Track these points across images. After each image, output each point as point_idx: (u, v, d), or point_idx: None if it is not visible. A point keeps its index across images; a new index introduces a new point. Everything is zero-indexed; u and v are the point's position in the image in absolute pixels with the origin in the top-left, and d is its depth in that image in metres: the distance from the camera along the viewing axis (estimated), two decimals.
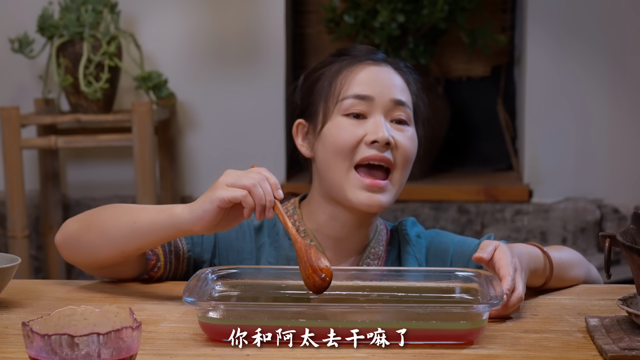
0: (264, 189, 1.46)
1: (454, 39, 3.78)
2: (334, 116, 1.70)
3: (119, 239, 1.55)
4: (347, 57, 1.75)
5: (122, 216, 1.56)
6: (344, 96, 1.69)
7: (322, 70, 1.76)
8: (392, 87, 1.71)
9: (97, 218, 1.59)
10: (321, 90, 1.73)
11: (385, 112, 1.69)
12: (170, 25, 3.61)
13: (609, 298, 1.57)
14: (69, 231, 1.61)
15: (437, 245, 1.80)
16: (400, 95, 1.71)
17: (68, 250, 1.62)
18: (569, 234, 3.60)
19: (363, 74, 1.71)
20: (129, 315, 1.20)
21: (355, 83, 1.70)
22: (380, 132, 1.66)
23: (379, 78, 1.71)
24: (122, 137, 3.31)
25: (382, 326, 1.32)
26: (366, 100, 1.69)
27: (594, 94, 3.58)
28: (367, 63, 1.73)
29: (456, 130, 3.89)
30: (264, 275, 1.53)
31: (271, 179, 1.48)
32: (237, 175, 1.48)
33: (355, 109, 1.69)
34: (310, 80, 1.78)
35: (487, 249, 1.49)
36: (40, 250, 3.68)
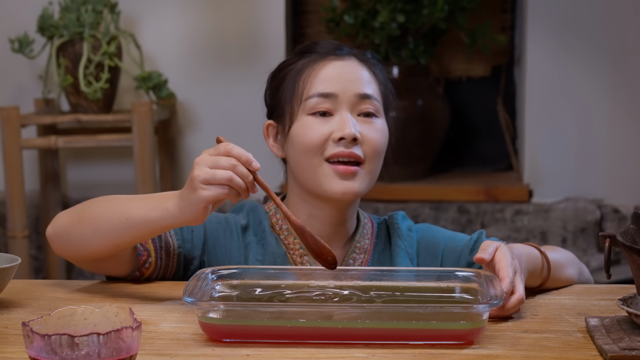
0: (241, 173, 1.45)
1: (454, 39, 3.78)
2: (299, 116, 1.70)
3: (111, 233, 1.55)
4: (310, 54, 1.74)
5: (113, 210, 1.55)
6: (308, 95, 1.69)
7: (286, 70, 1.75)
8: (356, 81, 1.70)
9: (88, 211, 1.59)
10: (286, 90, 1.73)
11: (351, 107, 1.69)
12: (170, 25, 3.61)
13: (609, 298, 1.57)
14: (60, 224, 1.61)
15: (428, 240, 1.79)
16: (366, 89, 1.70)
17: (59, 244, 1.62)
18: (569, 234, 3.60)
19: (326, 71, 1.71)
20: (129, 315, 1.20)
21: (318, 81, 1.70)
22: (347, 128, 1.66)
23: (343, 73, 1.71)
24: (122, 137, 3.31)
25: (382, 326, 1.32)
26: (330, 97, 1.68)
27: (594, 94, 3.58)
28: (330, 59, 1.72)
29: (456, 130, 3.89)
30: (264, 275, 1.53)
31: (242, 156, 1.46)
32: (209, 169, 1.45)
33: (320, 107, 1.68)
34: (276, 81, 1.77)
35: (488, 250, 1.49)
36: (40, 250, 3.68)
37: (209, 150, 1.49)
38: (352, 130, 1.66)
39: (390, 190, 3.60)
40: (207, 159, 1.47)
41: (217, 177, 1.44)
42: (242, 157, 1.46)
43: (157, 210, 1.51)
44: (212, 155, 1.47)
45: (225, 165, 1.45)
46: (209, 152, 1.48)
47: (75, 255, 1.61)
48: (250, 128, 3.65)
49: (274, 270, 1.54)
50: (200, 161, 1.47)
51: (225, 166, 1.45)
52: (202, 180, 1.45)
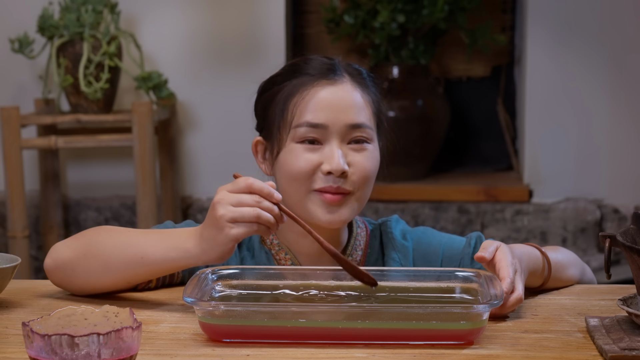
0: (267, 208, 1.43)
1: (454, 39, 3.78)
2: (288, 143, 1.64)
3: (123, 271, 1.53)
4: (302, 75, 1.67)
5: (125, 248, 1.52)
6: (297, 124, 1.63)
7: (276, 89, 1.69)
8: (348, 109, 1.64)
9: (94, 247, 1.55)
10: (275, 112, 1.67)
11: (341, 137, 1.63)
12: (170, 25, 3.61)
13: (609, 298, 1.57)
14: (61, 258, 1.58)
15: (425, 247, 1.76)
16: (357, 118, 1.64)
17: (60, 277, 1.59)
18: (569, 234, 3.60)
19: (316, 99, 1.64)
20: (129, 315, 1.20)
21: (308, 110, 1.63)
22: (335, 162, 1.61)
23: (334, 101, 1.64)
24: (122, 137, 3.31)
25: (382, 326, 1.32)
26: (320, 128, 1.63)
27: (594, 94, 3.58)
28: (321, 84, 1.65)
29: (456, 131, 3.89)
30: (264, 275, 1.52)
31: (263, 190, 1.43)
32: (234, 207, 1.42)
33: (309, 137, 1.63)
34: (265, 99, 1.72)
35: (488, 249, 1.48)
36: (40, 250, 3.68)
37: (226, 187, 1.45)
38: (340, 165, 1.61)
39: (390, 190, 3.60)
40: (229, 197, 1.43)
41: (245, 216, 1.42)
42: (263, 191, 1.44)
43: (177, 251, 1.48)
44: (233, 192, 1.44)
45: (250, 202, 1.43)
46: (227, 188, 1.45)
47: (79, 289, 1.59)
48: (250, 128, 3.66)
49: (274, 271, 1.54)
50: (222, 200, 1.43)
51: (250, 203, 1.42)
52: (229, 219, 1.42)
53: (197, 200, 3.68)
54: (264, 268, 1.56)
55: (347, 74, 1.67)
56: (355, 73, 1.69)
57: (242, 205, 1.42)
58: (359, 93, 1.66)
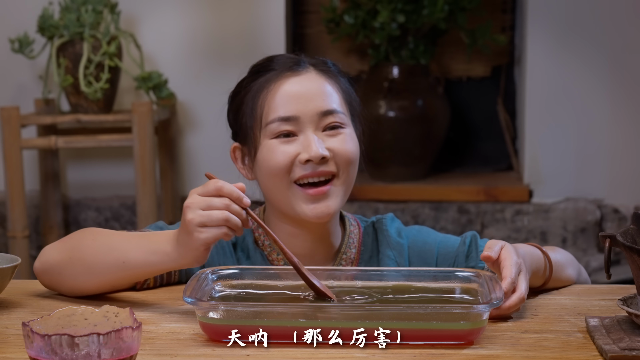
0: (235, 211, 1.43)
1: (454, 39, 3.78)
2: (263, 140, 1.64)
3: (107, 275, 1.54)
4: (267, 72, 1.67)
5: (107, 253, 1.53)
6: (268, 120, 1.63)
7: (244, 92, 1.69)
8: (317, 97, 1.63)
9: (78, 251, 1.56)
10: (246, 114, 1.67)
11: (314, 125, 1.63)
12: (170, 25, 3.61)
13: (609, 298, 1.57)
14: (49, 261, 1.59)
15: (420, 245, 1.75)
16: (328, 104, 1.63)
17: (49, 280, 1.60)
18: (569, 234, 3.60)
19: (283, 92, 1.64)
20: (129, 315, 1.20)
21: (276, 105, 1.63)
22: (312, 149, 1.60)
23: (302, 91, 1.64)
24: (122, 137, 3.31)
25: (382, 326, 1.32)
26: (292, 120, 1.62)
27: (594, 94, 3.58)
28: (287, 76, 1.65)
29: (456, 130, 3.90)
30: (264, 275, 1.52)
31: (233, 194, 1.44)
32: (203, 211, 1.42)
33: (282, 130, 1.62)
34: (235, 103, 1.72)
35: (494, 249, 1.49)
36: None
37: (197, 190, 1.46)
38: (318, 151, 1.60)
39: (390, 190, 3.61)
40: (199, 200, 1.44)
41: (213, 219, 1.42)
42: (233, 194, 1.44)
43: (157, 255, 1.49)
44: (203, 196, 1.44)
45: (219, 206, 1.43)
46: (197, 191, 1.45)
47: (68, 291, 1.60)
48: None
49: (273, 271, 1.54)
50: (192, 204, 1.44)
51: (219, 206, 1.43)
52: (198, 223, 1.42)
53: None
54: (263, 268, 1.56)
55: (311, 65, 1.68)
56: (320, 63, 1.69)
57: (211, 209, 1.43)
58: (325, 81, 1.66)
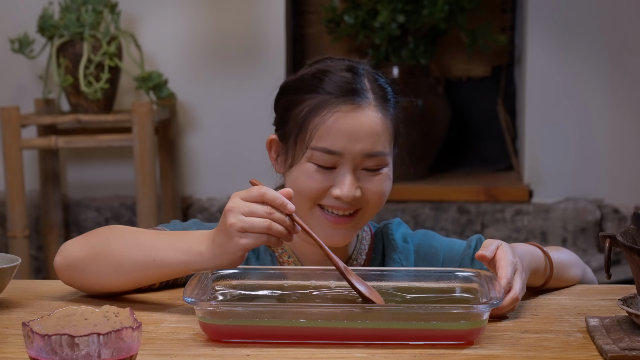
0: (278, 219, 1.41)
1: (454, 39, 3.78)
2: (302, 158, 1.63)
3: (134, 273, 1.52)
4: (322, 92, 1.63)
5: (137, 251, 1.51)
6: (312, 146, 1.61)
7: (296, 99, 1.66)
8: (366, 138, 1.61)
9: (106, 247, 1.53)
10: (293, 126, 1.65)
11: (355, 165, 1.61)
12: (170, 25, 3.61)
13: (609, 298, 1.57)
14: (72, 257, 1.56)
15: (426, 249, 1.76)
16: (374, 147, 1.62)
17: (70, 276, 1.57)
18: (569, 234, 3.60)
19: (336, 126, 1.60)
20: (129, 315, 1.20)
21: (326, 136, 1.60)
22: (345, 189, 1.60)
23: (354, 129, 1.60)
24: (122, 137, 3.32)
25: (382, 326, 1.32)
26: (335, 155, 1.60)
27: (594, 94, 3.58)
28: (343, 110, 1.61)
29: (456, 131, 3.90)
30: (264, 275, 1.53)
31: (276, 200, 1.41)
32: (245, 217, 1.40)
33: (324, 161, 1.61)
34: (285, 102, 1.70)
35: (489, 248, 1.49)
36: (40, 251, 3.68)
37: (239, 194, 1.43)
38: (350, 193, 1.59)
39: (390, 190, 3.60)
40: (241, 205, 1.42)
41: (255, 226, 1.40)
42: (276, 201, 1.41)
43: (190, 255, 1.47)
44: (245, 201, 1.42)
45: (261, 214, 1.41)
46: (240, 195, 1.43)
47: (89, 288, 1.58)
48: (250, 128, 3.66)
49: (273, 271, 1.54)
50: (234, 208, 1.42)
51: (262, 214, 1.41)
52: (239, 228, 1.40)
53: (197, 200, 3.68)
54: (264, 268, 1.56)
55: (372, 93, 1.64)
56: (380, 93, 1.65)
57: (253, 216, 1.41)
58: (379, 119, 1.63)
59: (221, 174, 3.67)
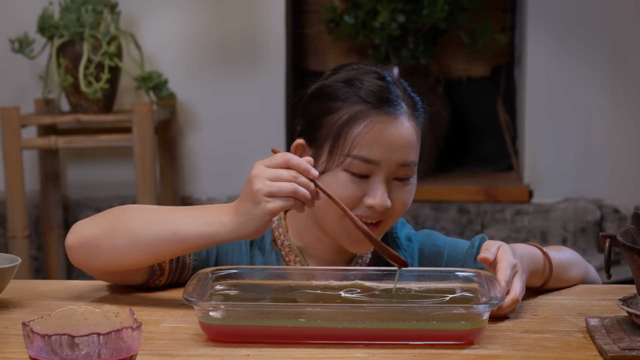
0: (303, 183, 1.43)
1: (454, 39, 3.78)
2: (336, 166, 1.63)
3: (153, 247, 1.50)
4: (358, 100, 1.63)
5: (156, 224, 1.50)
6: (350, 154, 1.61)
7: (330, 107, 1.65)
8: (402, 149, 1.62)
9: (122, 223, 1.52)
10: (329, 131, 1.64)
11: (388, 174, 1.63)
12: (170, 25, 3.61)
13: (609, 298, 1.57)
14: (86, 234, 1.54)
15: (430, 248, 1.77)
16: (409, 157, 1.63)
17: (83, 255, 1.55)
18: (569, 234, 3.60)
19: (375, 136, 1.61)
20: (129, 315, 1.20)
21: (364, 144, 1.61)
22: (379, 199, 1.61)
23: (391, 140, 1.62)
24: (123, 137, 3.32)
25: (382, 326, 1.32)
26: (373, 164, 1.62)
27: (594, 94, 3.58)
28: (381, 120, 1.62)
29: (456, 131, 3.90)
30: (264, 275, 1.53)
31: (300, 165, 1.44)
32: (271, 182, 1.42)
33: (360, 171, 1.62)
34: (319, 107, 1.68)
35: (490, 250, 1.49)
36: (40, 251, 3.68)
37: (264, 162, 1.45)
38: (384, 202, 1.61)
39: None
40: (266, 171, 1.43)
41: (282, 190, 1.42)
42: (300, 166, 1.44)
43: (212, 225, 1.47)
44: (270, 167, 1.44)
45: (287, 177, 1.43)
46: (264, 163, 1.45)
47: (101, 267, 1.56)
48: (250, 128, 3.66)
49: (273, 271, 1.54)
50: (259, 174, 1.43)
51: (287, 178, 1.43)
52: (266, 193, 1.42)
53: (197, 200, 3.68)
54: (264, 268, 1.56)
55: (405, 102, 1.66)
56: (410, 102, 1.67)
57: (279, 180, 1.42)
58: (413, 128, 1.65)
59: (221, 174, 3.68)
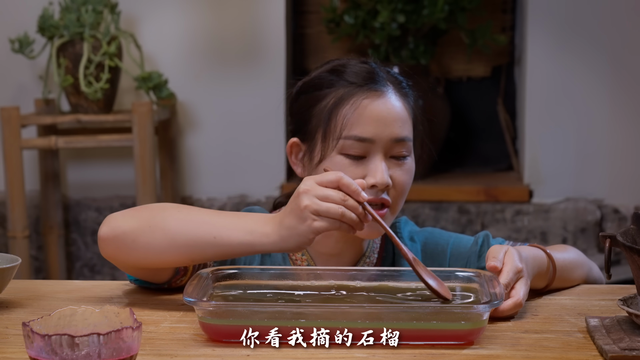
0: (351, 207, 1.42)
1: (454, 39, 3.78)
2: (332, 153, 1.64)
3: (191, 248, 1.48)
4: (344, 83, 1.66)
5: (197, 226, 1.48)
6: (344, 135, 1.62)
7: (318, 95, 1.67)
8: (395, 123, 1.64)
9: (161, 220, 1.50)
10: (319, 119, 1.65)
11: (385, 151, 1.63)
12: (170, 25, 3.61)
13: (609, 298, 1.57)
14: (122, 227, 1.51)
15: (432, 247, 1.77)
16: (402, 132, 1.64)
17: (116, 248, 1.52)
18: (569, 234, 3.60)
19: (366, 113, 1.63)
20: (129, 315, 1.20)
21: (356, 123, 1.62)
22: (379, 176, 1.61)
23: (382, 115, 1.63)
24: (123, 138, 3.32)
25: (382, 326, 1.32)
26: (367, 142, 1.62)
27: (594, 94, 3.58)
28: (369, 96, 1.64)
29: (456, 131, 3.90)
30: (264, 275, 1.52)
31: (351, 187, 1.42)
32: (319, 201, 1.41)
33: (355, 150, 1.62)
34: (305, 101, 1.69)
35: (498, 257, 1.49)
36: (40, 251, 3.68)
37: (314, 178, 1.44)
38: (385, 179, 1.61)
39: None
40: (316, 189, 1.42)
41: (330, 212, 1.41)
42: (351, 187, 1.43)
43: (254, 235, 1.45)
44: (321, 185, 1.43)
45: (336, 199, 1.41)
46: (315, 179, 1.43)
47: (135, 262, 1.53)
48: (250, 128, 3.66)
49: (273, 271, 1.54)
50: (309, 191, 1.42)
51: (336, 200, 1.41)
52: (314, 211, 1.41)
53: (197, 200, 3.68)
54: (264, 268, 1.56)
55: (390, 83, 1.68)
56: (396, 82, 1.69)
57: (328, 201, 1.42)
58: (402, 104, 1.67)
59: (221, 174, 3.68)
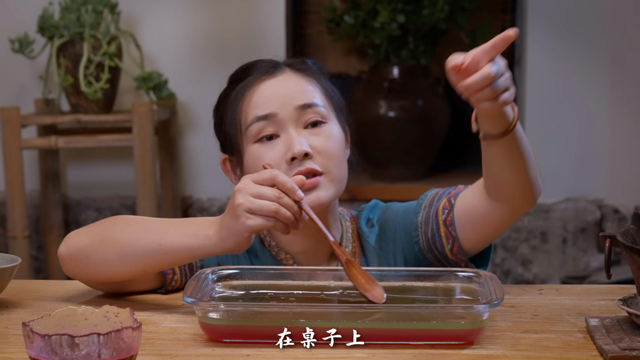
0: (286, 204, 1.41)
1: (454, 39, 3.78)
2: (247, 146, 1.64)
3: (140, 259, 1.50)
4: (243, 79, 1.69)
5: (143, 235, 1.50)
6: (248, 123, 1.63)
7: (225, 101, 1.70)
8: (294, 94, 1.63)
9: (111, 234, 1.52)
10: (228, 122, 1.67)
11: (295, 122, 1.62)
12: (170, 25, 3.61)
13: (609, 298, 1.57)
14: (76, 245, 1.54)
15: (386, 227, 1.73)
16: (304, 99, 1.63)
17: (74, 265, 1.55)
18: (569, 234, 3.60)
19: (259, 94, 1.64)
20: (129, 315, 1.20)
21: (253, 106, 1.63)
22: (295, 147, 1.59)
23: (279, 89, 1.64)
24: (123, 138, 3.32)
25: (382, 326, 1.32)
26: (270, 118, 1.62)
27: (595, 94, 3.58)
28: (263, 79, 1.66)
29: (456, 131, 3.90)
30: (264, 275, 1.53)
31: (286, 184, 1.41)
32: (253, 198, 1.40)
33: (263, 132, 1.62)
34: (218, 114, 1.72)
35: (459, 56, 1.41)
36: (40, 251, 3.68)
37: (250, 176, 1.44)
38: (301, 147, 1.59)
39: (390, 190, 3.60)
40: (251, 187, 1.42)
41: (263, 209, 1.40)
42: (286, 185, 1.42)
43: (197, 238, 1.46)
44: (256, 182, 1.42)
45: (270, 197, 1.41)
46: (251, 177, 1.43)
47: (93, 277, 1.56)
48: None
49: (273, 271, 1.54)
50: (243, 189, 1.42)
51: (270, 197, 1.41)
52: (246, 209, 1.40)
53: (197, 200, 3.68)
54: (264, 268, 1.56)
55: (287, 66, 1.69)
56: (297, 63, 1.70)
57: (262, 198, 1.41)
58: (302, 79, 1.67)
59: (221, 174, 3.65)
